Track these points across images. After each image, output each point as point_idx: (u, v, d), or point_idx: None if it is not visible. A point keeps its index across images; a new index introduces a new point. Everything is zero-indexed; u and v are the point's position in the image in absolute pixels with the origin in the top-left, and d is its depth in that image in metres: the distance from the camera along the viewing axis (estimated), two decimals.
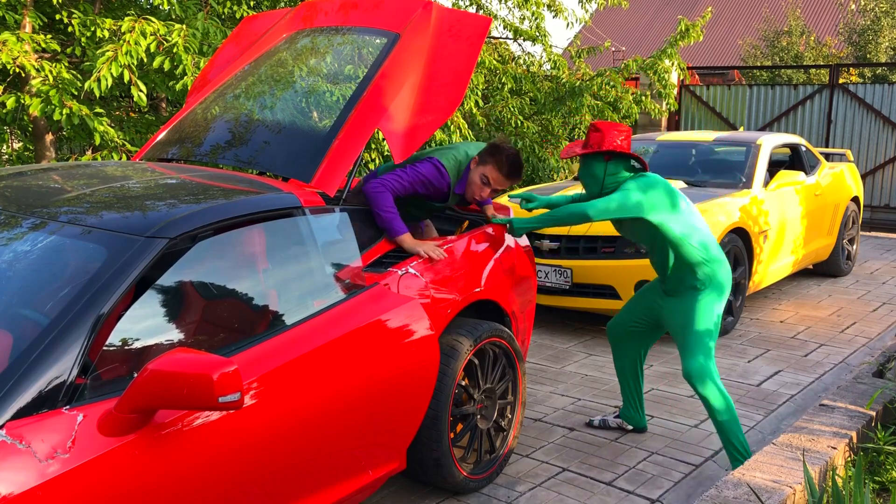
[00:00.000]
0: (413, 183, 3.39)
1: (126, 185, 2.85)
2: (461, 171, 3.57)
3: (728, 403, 3.47)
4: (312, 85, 3.54)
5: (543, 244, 5.71)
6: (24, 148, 6.62)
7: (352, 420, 2.71)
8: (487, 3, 9.20)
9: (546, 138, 9.46)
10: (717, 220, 5.53)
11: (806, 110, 11.94)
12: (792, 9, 23.61)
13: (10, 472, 1.86)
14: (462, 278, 3.36)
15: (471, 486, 3.33)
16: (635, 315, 3.85)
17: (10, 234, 2.50)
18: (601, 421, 4.10)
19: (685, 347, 3.52)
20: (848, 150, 8.69)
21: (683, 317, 3.54)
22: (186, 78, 5.22)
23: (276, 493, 2.47)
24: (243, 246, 2.67)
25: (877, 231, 11.27)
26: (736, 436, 3.46)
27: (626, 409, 4.03)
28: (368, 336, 2.79)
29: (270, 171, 3.30)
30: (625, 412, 4.04)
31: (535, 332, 5.87)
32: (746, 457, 3.41)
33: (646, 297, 3.81)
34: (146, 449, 2.09)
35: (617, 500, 3.35)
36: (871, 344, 5.59)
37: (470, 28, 3.49)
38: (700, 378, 3.46)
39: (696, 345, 3.48)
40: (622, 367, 3.97)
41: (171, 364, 1.99)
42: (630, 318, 3.87)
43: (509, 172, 3.53)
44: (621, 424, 4.05)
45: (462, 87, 3.33)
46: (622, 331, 3.90)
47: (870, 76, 20.99)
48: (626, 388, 3.99)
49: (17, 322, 2.20)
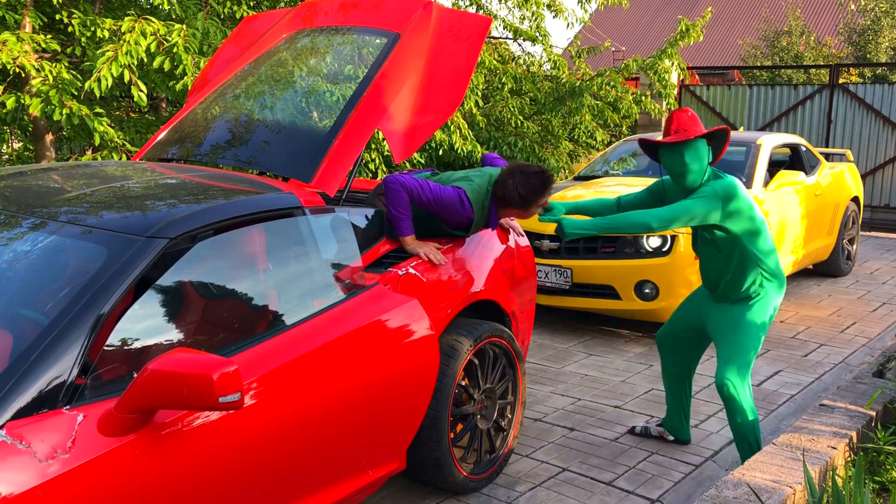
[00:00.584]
0: (431, 201, 3.24)
1: (126, 185, 2.85)
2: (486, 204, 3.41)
3: (754, 416, 3.39)
4: (312, 85, 3.54)
5: (543, 244, 5.71)
6: (24, 148, 6.62)
7: (352, 420, 2.71)
8: (487, 3, 9.19)
9: (546, 138, 9.45)
10: None
11: (806, 110, 11.94)
12: (792, 9, 23.61)
13: (11, 472, 1.86)
14: (462, 278, 3.36)
15: (471, 486, 3.33)
16: (683, 323, 3.73)
17: (10, 234, 2.49)
18: (643, 428, 4.00)
19: (726, 356, 3.38)
20: (848, 150, 8.69)
21: (731, 325, 3.41)
22: (186, 78, 5.22)
23: (276, 493, 2.47)
24: (243, 246, 2.67)
25: (877, 231, 11.27)
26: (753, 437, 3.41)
27: (669, 420, 3.91)
28: (368, 336, 2.79)
29: (270, 171, 3.30)
30: (668, 422, 3.92)
31: (535, 332, 5.87)
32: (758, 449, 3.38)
33: (693, 303, 3.71)
34: (146, 449, 2.09)
35: (617, 500, 3.35)
36: (871, 344, 5.59)
37: (470, 28, 3.49)
38: (733, 390, 3.34)
39: (738, 356, 3.36)
40: (671, 376, 3.83)
41: (171, 364, 1.99)
42: (677, 325, 3.75)
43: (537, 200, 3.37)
44: (662, 433, 3.94)
45: (462, 87, 3.33)
46: (670, 339, 3.78)
47: (870, 76, 20.98)
48: (673, 399, 3.86)
49: (17, 322, 2.20)
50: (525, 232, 4.91)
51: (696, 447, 3.89)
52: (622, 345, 5.60)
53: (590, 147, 10.44)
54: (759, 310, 3.40)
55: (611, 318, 6.23)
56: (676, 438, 3.91)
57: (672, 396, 3.86)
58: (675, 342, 3.78)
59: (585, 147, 10.37)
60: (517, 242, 3.85)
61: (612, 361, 5.22)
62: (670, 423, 3.91)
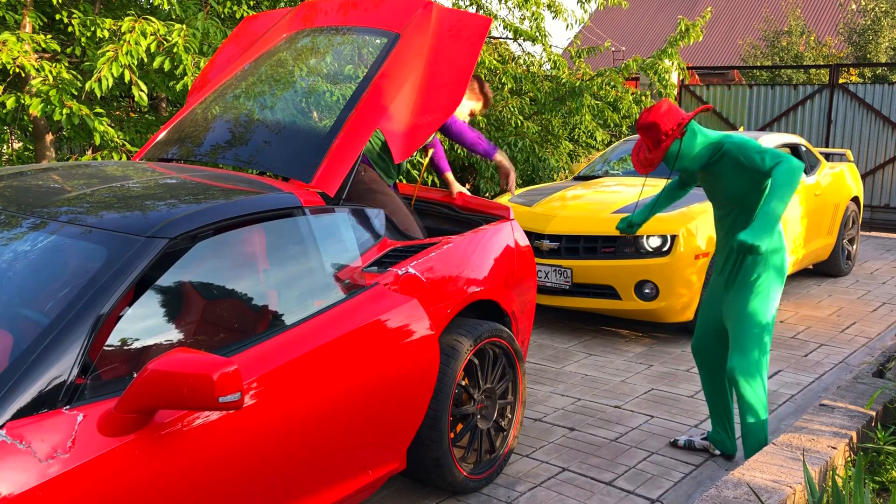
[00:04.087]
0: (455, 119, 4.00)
1: (126, 185, 2.85)
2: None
3: (765, 408, 3.36)
4: (312, 85, 3.54)
5: (543, 244, 5.71)
6: (24, 148, 6.62)
7: (352, 420, 2.71)
8: (487, 3, 9.20)
9: (546, 138, 9.47)
10: None
11: (806, 110, 11.94)
12: (792, 9, 23.62)
13: (10, 472, 1.86)
14: (462, 278, 3.36)
15: (471, 486, 3.33)
16: (710, 324, 3.62)
17: (10, 234, 2.49)
18: (686, 441, 3.85)
19: (739, 341, 3.33)
20: (848, 150, 8.69)
21: (741, 307, 3.35)
22: (186, 78, 5.22)
23: (276, 492, 2.47)
24: (243, 246, 2.67)
25: (877, 231, 11.27)
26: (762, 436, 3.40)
27: (714, 434, 3.78)
28: (368, 336, 2.79)
29: (270, 171, 3.30)
30: (713, 436, 3.78)
31: (535, 332, 5.87)
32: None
33: (711, 298, 3.61)
34: (146, 449, 2.09)
35: (617, 500, 3.35)
36: (871, 344, 5.59)
37: (470, 28, 3.49)
38: (748, 376, 3.30)
39: (752, 339, 3.31)
40: (710, 387, 3.71)
41: (171, 364, 1.99)
42: (705, 329, 3.64)
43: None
44: (708, 447, 3.80)
45: (462, 87, 3.33)
46: (704, 347, 3.67)
47: (870, 76, 20.99)
48: (715, 411, 3.74)
49: (17, 322, 2.20)
50: (525, 232, 4.91)
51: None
52: (622, 345, 5.60)
53: (590, 147, 10.45)
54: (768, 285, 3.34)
55: (611, 318, 6.23)
56: (723, 453, 3.77)
57: (714, 408, 3.75)
58: (708, 349, 3.67)
59: (585, 147, 10.38)
60: (517, 242, 3.86)
61: (612, 361, 5.22)
62: (716, 436, 3.78)
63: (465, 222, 4.07)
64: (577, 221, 5.70)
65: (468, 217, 4.06)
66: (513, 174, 4.06)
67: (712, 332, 3.64)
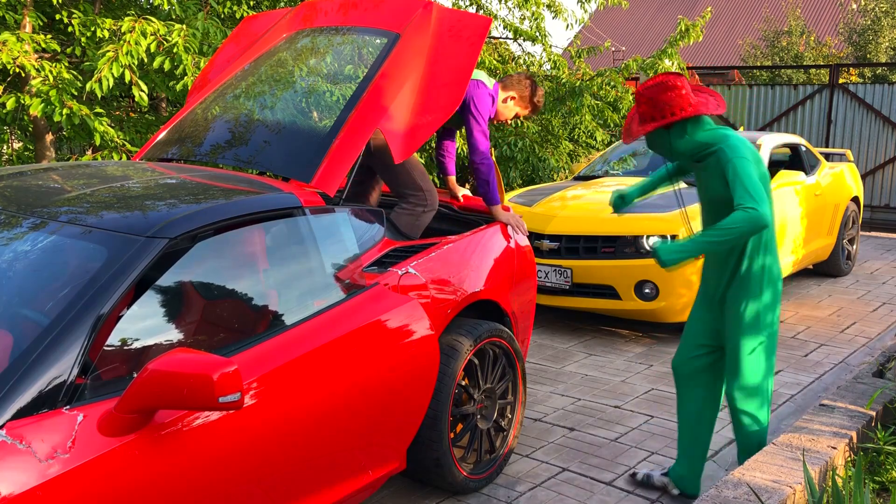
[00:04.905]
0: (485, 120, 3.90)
1: (126, 185, 2.85)
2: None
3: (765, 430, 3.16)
4: (312, 85, 3.54)
5: (543, 244, 5.71)
6: (24, 148, 6.61)
7: (352, 420, 2.71)
8: (487, 3, 9.19)
9: (546, 138, 9.46)
10: None
11: (806, 110, 11.94)
12: (792, 9, 23.61)
13: (10, 472, 1.86)
14: (462, 278, 3.36)
15: (471, 486, 3.33)
16: (695, 340, 3.26)
17: (10, 234, 2.49)
18: (645, 476, 3.45)
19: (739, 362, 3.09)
20: (848, 150, 8.69)
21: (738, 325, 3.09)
22: (186, 78, 5.22)
23: (276, 492, 2.47)
24: (243, 246, 2.67)
25: (877, 231, 11.27)
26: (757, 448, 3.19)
27: (679, 467, 3.34)
28: (368, 336, 2.79)
29: (270, 171, 3.30)
30: (677, 470, 3.35)
31: (535, 332, 5.87)
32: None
33: (699, 312, 3.27)
34: (146, 449, 2.09)
35: (617, 500, 3.35)
36: (871, 344, 5.59)
37: (470, 28, 3.49)
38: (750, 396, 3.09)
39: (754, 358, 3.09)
40: (685, 412, 3.30)
41: (171, 364, 1.99)
42: (689, 346, 3.28)
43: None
44: (666, 485, 3.38)
45: (462, 87, 3.33)
46: (683, 364, 3.29)
47: (870, 76, 20.98)
48: (685, 440, 3.32)
49: (17, 322, 2.20)
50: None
51: None
52: (622, 345, 5.60)
53: (590, 147, 10.44)
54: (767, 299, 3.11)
55: (611, 318, 6.23)
56: (682, 493, 3.35)
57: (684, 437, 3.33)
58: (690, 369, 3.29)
59: (585, 147, 10.37)
60: (517, 242, 3.86)
61: (612, 361, 5.22)
62: (679, 470, 3.35)
63: (466, 222, 4.07)
64: (577, 221, 5.71)
65: (468, 217, 4.06)
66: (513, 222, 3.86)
67: (692, 351, 3.29)
